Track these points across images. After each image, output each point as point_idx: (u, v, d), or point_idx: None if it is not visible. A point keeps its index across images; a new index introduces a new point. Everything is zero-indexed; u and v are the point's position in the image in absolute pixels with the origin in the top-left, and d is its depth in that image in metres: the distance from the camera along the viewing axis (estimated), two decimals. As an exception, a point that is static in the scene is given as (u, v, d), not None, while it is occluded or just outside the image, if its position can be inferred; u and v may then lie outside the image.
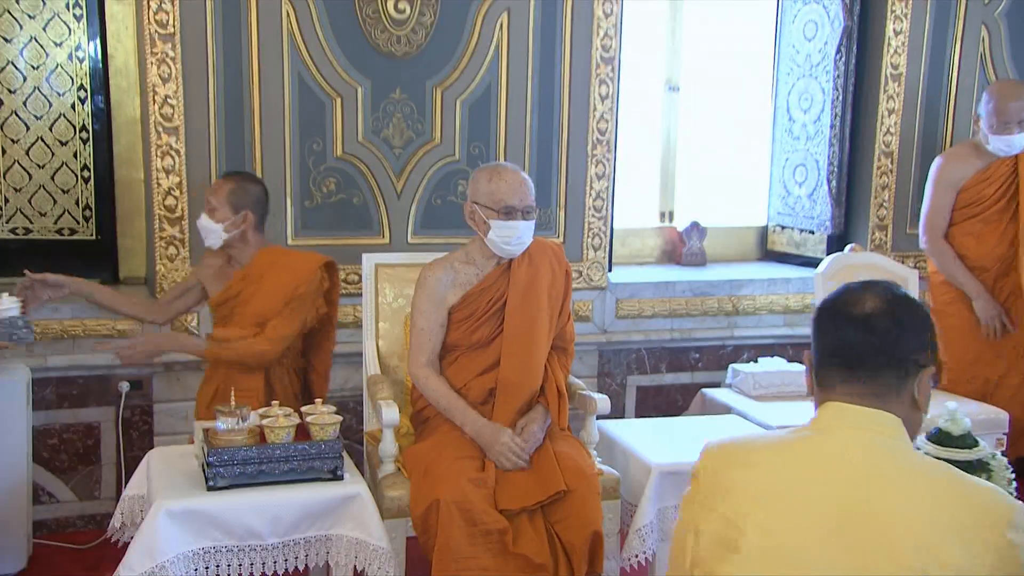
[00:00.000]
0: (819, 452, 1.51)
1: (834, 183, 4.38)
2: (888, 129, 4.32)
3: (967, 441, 2.42)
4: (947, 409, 2.48)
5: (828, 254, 4.17)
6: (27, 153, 3.69)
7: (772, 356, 3.97)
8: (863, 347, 1.54)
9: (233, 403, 2.51)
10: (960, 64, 4.40)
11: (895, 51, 4.27)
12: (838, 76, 4.30)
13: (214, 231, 3.04)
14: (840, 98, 4.31)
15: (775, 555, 1.43)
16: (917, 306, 1.60)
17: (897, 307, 1.56)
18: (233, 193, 3.04)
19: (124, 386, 3.49)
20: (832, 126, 4.35)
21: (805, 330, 4.25)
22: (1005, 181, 3.83)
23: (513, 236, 2.78)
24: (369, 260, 3.23)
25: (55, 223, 3.76)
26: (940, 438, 2.46)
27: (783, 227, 4.67)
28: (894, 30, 4.25)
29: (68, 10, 3.65)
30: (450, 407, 2.78)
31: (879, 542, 1.38)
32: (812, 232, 4.50)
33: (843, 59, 4.29)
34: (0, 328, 2.81)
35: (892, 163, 4.35)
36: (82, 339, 3.45)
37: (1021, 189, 3.80)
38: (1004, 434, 3.59)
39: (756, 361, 3.84)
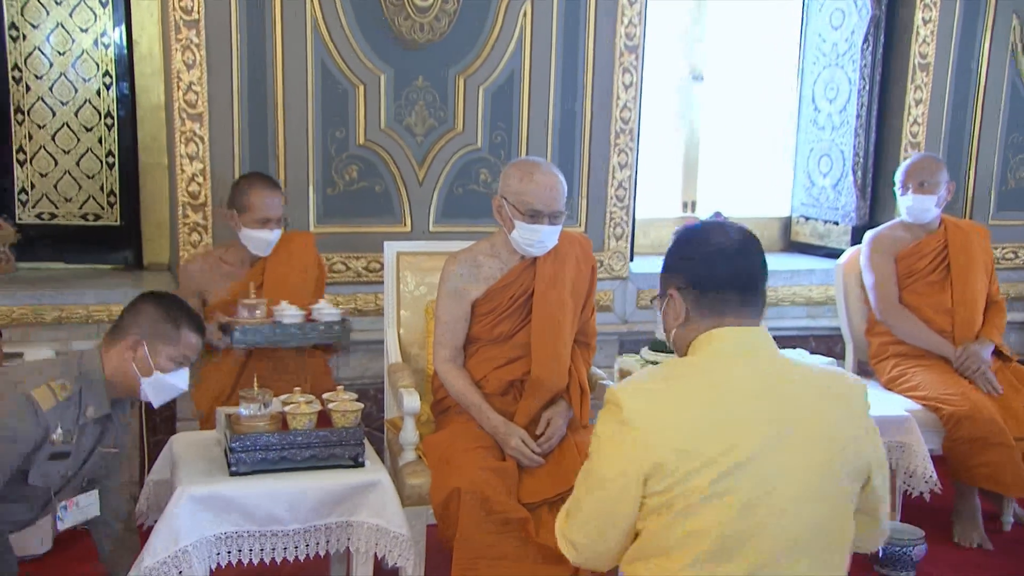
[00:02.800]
0: (746, 374, 1.68)
1: (859, 174, 4.33)
2: (915, 120, 4.27)
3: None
4: None
5: (852, 245, 4.14)
6: (53, 139, 3.71)
7: (794, 348, 3.93)
8: (754, 272, 1.76)
9: (256, 389, 2.53)
10: (990, 54, 4.33)
11: (923, 40, 4.21)
12: (865, 66, 4.25)
13: (274, 239, 3.13)
14: (867, 88, 4.26)
15: (742, 466, 1.58)
16: None
17: (753, 235, 1.79)
18: (284, 199, 3.19)
19: (147, 371, 3.51)
20: (858, 116, 4.30)
21: (828, 322, 4.26)
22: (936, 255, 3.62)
23: (536, 239, 2.75)
24: (391, 248, 3.23)
25: (80, 208, 3.79)
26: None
27: (807, 218, 4.63)
28: (923, 19, 4.20)
29: (94, -4, 3.67)
30: (468, 403, 2.78)
31: (808, 432, 1.64)
32: (836, 223, 4.46)
33: (870, 48, 4.24)
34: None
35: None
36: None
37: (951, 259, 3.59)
38: None
39: (778, 353, 3.81)
